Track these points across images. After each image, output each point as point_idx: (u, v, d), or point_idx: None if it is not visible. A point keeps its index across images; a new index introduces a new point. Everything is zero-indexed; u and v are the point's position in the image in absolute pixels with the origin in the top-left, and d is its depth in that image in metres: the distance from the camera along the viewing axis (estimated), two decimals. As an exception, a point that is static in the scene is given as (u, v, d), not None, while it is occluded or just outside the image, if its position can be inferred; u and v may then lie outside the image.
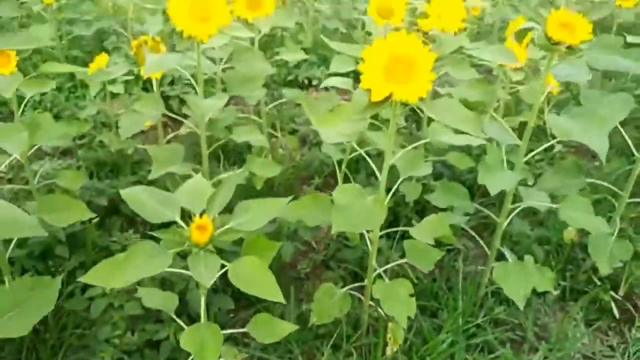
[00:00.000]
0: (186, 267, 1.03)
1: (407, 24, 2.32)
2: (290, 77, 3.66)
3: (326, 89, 3.68)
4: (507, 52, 1.45)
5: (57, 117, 2.78)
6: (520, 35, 1.56)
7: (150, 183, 2.18)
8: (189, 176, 1.58)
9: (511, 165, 1.61)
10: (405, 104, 1.50)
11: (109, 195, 1.96)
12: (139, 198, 0.99)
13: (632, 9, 3.48)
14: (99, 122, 2.70)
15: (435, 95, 1.93)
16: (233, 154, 2.50)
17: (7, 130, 1.23)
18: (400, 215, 2.03)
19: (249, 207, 1.02)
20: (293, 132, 2.99)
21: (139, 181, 2.14)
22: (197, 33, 1.43)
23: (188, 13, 1.42)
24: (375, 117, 2.09)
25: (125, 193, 1.01)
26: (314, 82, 3.71)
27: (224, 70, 1.71)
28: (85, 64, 3.41)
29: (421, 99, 1.13)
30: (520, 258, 1.66)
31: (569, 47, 1.44)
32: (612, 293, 1.87)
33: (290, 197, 1.08)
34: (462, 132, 1.28)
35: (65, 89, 3.11)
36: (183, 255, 1.08)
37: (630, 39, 1.90)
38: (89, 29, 3.36)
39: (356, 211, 1.12)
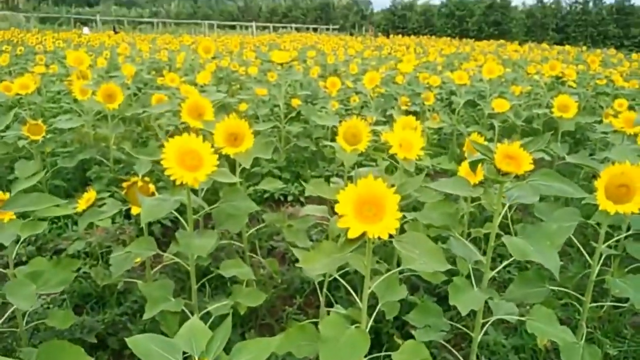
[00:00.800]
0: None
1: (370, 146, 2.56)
2: (266, 195, 3.85)
3: (301, 204, 3.90)
4: (463, 183, 1.65)
5: (40, 249, 2.84)
6: (474, 164, 1.78)
7: (137, 312, 2.23)
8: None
9: (480, 275, 1.75)
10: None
11: (97, 330, 2.00)
12: (144, 346, 1.08)
13: (572, 119, 3.90)
14: (82, 251, 2.77)
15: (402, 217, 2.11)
16: (215, 278, 2.58)
17: (15, 286, 1.32)
18: (382, 332, 2.11)
19: (244, 348, 1.11)
20: (272, 249, 3.12)
21: (126, 313, 2.18)
22: (187, 180, 1.58)
23: (179, 163, 1.59)
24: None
25: (131, 342, 1.09)
26: (289, 198, 3.91)
27: (210, 207, 1.85)
28: (67, 194, 3.55)
29: (391, 235, 1.29)
30: (498, 369, 1.74)
31: (516, 176, 1.65)
32: (589, 399, 1.93)
33: (281, 336, 1.17)
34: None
35: (47, 219, 3.19)
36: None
37: (569, 158, 2.16)
38: (72, 161, 3.51)
39: (341, 343, 1.22)
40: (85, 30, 23.03)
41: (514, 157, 1.64)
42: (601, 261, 1.95)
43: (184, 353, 1.12)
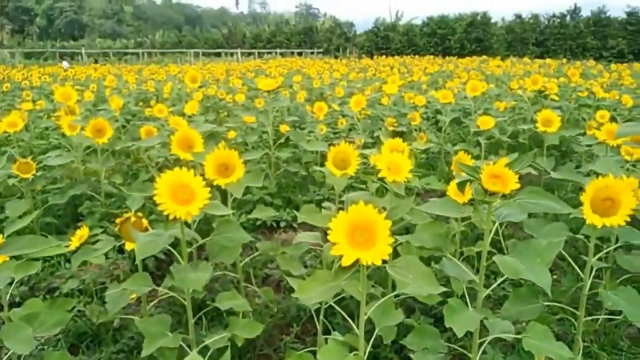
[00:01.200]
0: None
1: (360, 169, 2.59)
2: (259, 222, 3.85)
3: (294, 229, 3.90)
4: (451, 204, 1.68)
5: (33, 289, 2.81)
6: (462, 185, 1.81)
7: (134, 349, 2.21)
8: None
9: (474, 293, 1.76)
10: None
11: (93, 370, 1.98)
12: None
13: (556, 133, 3.96)
14: (76, 289, 2.74)
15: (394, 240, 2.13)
16: (212, 310, 2.56)
17: (11, 330, 1.31)
18: (380, 357, 2.11)
19: (244, 382, 1.12)
20: (267, 277, 3.11)
21: (122, 350, 2.17)
22: (180, 215, 1.59)
23: (172, 197, 1.60)
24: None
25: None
26: (282, 224, 3.91)
27: (204, 240, 1.86)
28: (58, 231, 3.53)
29: (384, 260, 1.31)
30: (498, 388, 1.75)
31: (504, 194, 1.69)
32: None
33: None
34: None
35: (40, 259, 3.16)
36: None
37: (554, 174, 2.21)
38: (63, 197, 3.49)
39: (341, 372, 1.23)
40: (65, 64, 22.99)
41: (500, 177, 1.67)
42: (592, 274, 1.98)
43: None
